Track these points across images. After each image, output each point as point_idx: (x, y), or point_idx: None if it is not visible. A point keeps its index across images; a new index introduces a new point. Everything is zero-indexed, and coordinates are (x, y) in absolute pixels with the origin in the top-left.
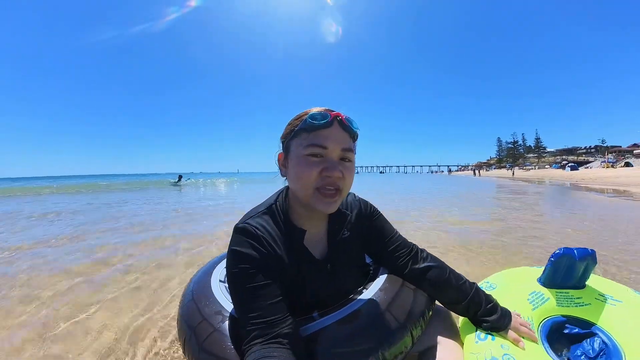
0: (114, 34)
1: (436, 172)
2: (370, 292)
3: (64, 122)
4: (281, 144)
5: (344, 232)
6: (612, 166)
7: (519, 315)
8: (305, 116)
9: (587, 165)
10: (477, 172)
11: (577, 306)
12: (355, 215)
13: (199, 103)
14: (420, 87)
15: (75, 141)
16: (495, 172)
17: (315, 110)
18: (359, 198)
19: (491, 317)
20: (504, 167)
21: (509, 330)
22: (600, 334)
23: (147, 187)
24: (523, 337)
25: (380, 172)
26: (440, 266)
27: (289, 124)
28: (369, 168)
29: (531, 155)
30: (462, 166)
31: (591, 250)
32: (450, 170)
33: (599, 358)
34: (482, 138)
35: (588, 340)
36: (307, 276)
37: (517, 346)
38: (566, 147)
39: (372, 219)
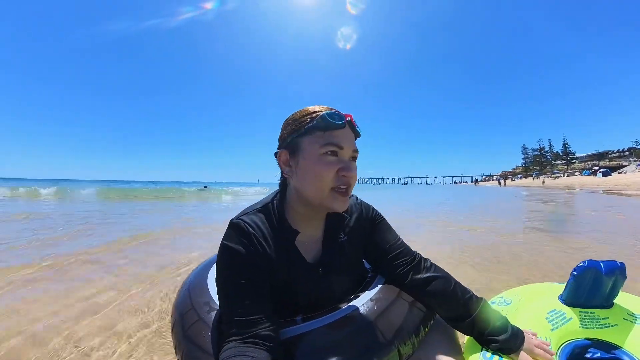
0: (133, 30)
1: (459, 182)
2: (359, 300)
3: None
4: (282, 143)
5: (341, 236)
6: None
7: (534, 335)
8: (315, 114)
9: (621, 170)
10: (501, 182)
11: (602, 327)
12: (355, 219)
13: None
14: (441, 94)
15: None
16: (521, 182)
17: (325, 108)
18: (361, 201)
19: (500, 337)
20: (531, 175)
21: (521, 352)
22: (626, 359)
23: (187, 194)
24: None
25: (404, 184)
26: (445, 277)
27: (291, 122)
28: (391, 179)
29: (559, 162)
30: (487, 176)
31: (620, 263)
32: (477, 181)
33: None
34: (506, 146)
35: None
36: (295, 278)
37: None
38: (597, 151)
39: (374, 223)
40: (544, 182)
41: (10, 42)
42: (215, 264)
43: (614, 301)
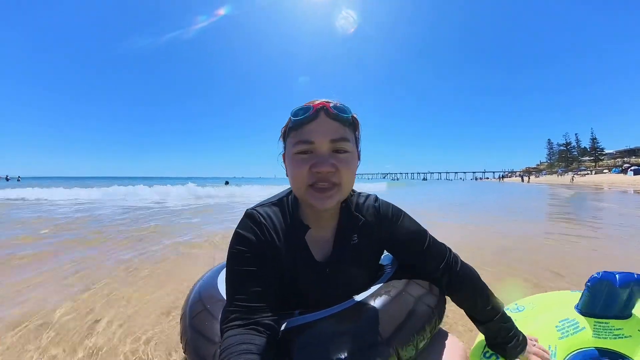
0: (146, 43)
1: (481, 178)
2: (361, 296)
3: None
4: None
5: (354, 239)
6: None
7: (535, 341)
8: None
9: None
10: (524, 178)
11: (615, 338)
12: (371, 220)
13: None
14: (462, 85)
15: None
16: (546, 179)
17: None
18: (380, 201)
19: (508, 345)
20: (556, 172)
21: (519, 357)
22: None
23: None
24: None
25: (423, 179)
26: (474, 278)
27: (287, 123)
28: (410, 175)
29: (586, 158)
30: (509, 172)
31: (637, 275)
32: (502, 177)
33: None
34: (529, 141)
35: None
36: (302, 274)
37: None
38: (628, 147)
39: (392, 222)
40: (572, 179)
41: (45, 56)
42: None
43: (633, 312)
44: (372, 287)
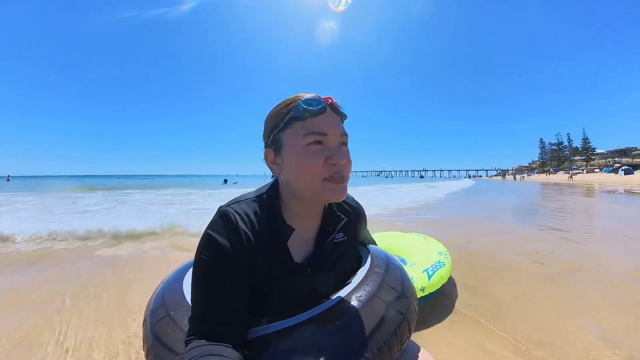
0: (135, 21)
1: (474, 176)
2: (330, 302)
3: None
4: (266, 141)
5: (338, 236)
6: None
7: None
8: (291, 105)
9: None
10: (517, 177)
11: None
12: (351, 217)
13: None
14: (457, 83)
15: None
16: (537, 177)
17: (303, 96)
18: (353, 198)
19: None
20: (548, 171)
21: None
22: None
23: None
24: None
25: (420, 177)
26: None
27: (272, 117)
28: (405, 172)
29: (578, 157)
30: (502, 170)
31: None
32: (504, 174)
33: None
34: (523, 140)
35: None
36: (278, 278)
37: None
38: (619, 147)
39: (364, 221)
40: (571, 177)
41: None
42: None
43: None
44: (343, 290)
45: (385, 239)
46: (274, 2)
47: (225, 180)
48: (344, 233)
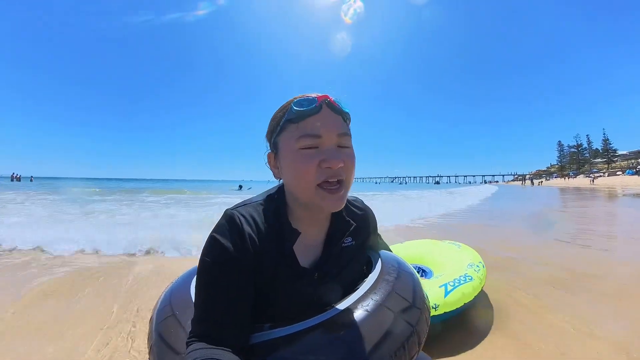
0: (147, 26)
1: (490, 182)
2: (334, 310)
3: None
4: (268, 144)
5: (346, 240)
6: None
7: None
8: (286, 107)
9: None
10: (534, 181)
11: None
12: (360, 222)
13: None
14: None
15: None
16: (556, 182)
17: (298, 96)
18: (364, 203)
19: None
20: (567, 175)
21: None
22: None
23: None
24: None
25: (436, 182)
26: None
27: (272, 120)
28: (420, 178)
29: (599, 160)
30: (519, 175)
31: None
32: (524, 180)
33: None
34: (540, 143)
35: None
36: (283, 282)
37: None
38: None
39: (374, 228)
40: (593, 181)
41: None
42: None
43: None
44: (350, 298)
45: (413, 248)
46: (284, 11)
47: (240, 187)
48: (352, 237)
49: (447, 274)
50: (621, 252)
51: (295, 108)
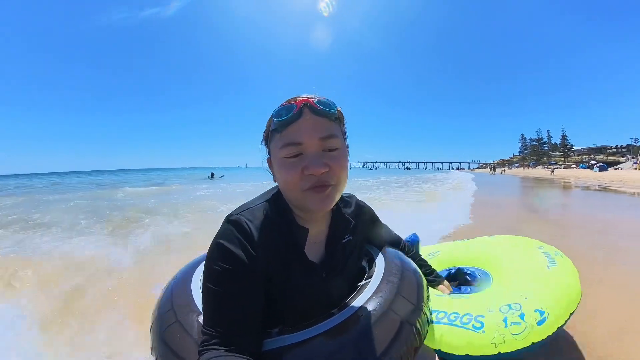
0: (121, 18)
1: (457, 169)
2: (341, 316)
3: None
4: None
5: (347, 237)
6: None
7: (444, 280)
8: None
9: (618, 166)
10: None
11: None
12: (359, 219)
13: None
14: (445, 77)
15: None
16: (517, 171)
17: (284, 102)
18: (360, 201)
19: (438, 278)
20: (527, 165)
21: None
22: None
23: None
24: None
25: (406, 169)
26: (418, 256)
27: (266, 126)
28: (390, 164)
29: (557, 153)
30: (484, 163)
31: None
32: (494, 168)
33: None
34: (504, 135)
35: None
36: (295, 281)
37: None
38: (595, 145)
39: (373, 222)
40: (552, 172)
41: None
42: (202, 264)
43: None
44: (357, 300)
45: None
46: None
47: (212, 174)
48: (350, 233)
49: (519, 287)
50: None
51: (275, 119)
